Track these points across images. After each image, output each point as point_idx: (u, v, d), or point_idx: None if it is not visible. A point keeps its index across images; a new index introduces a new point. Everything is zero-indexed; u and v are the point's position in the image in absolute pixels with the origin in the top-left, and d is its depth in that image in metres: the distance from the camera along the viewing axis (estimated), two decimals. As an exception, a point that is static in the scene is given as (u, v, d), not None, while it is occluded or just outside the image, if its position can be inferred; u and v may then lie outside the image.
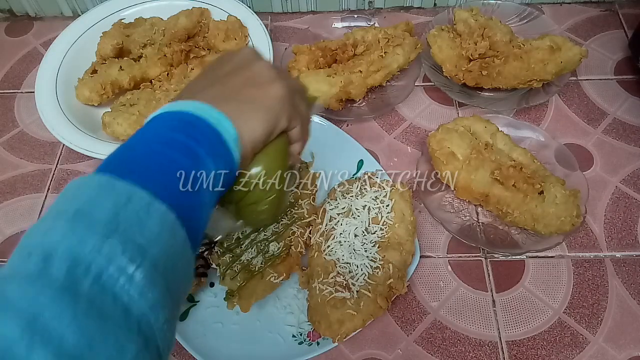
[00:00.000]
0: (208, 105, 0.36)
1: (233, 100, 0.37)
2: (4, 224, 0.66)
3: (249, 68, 0.40)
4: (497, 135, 0.63)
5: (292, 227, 0.58)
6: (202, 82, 0.40)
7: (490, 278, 0.59)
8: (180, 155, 0.33)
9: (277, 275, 0.55)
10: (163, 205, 0.30)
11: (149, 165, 0.32)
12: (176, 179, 0.32)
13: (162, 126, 0.35)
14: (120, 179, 0.29)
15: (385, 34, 0.72)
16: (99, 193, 0.29)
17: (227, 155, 0.35)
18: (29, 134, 0.75)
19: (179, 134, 0.34)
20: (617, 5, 0.83)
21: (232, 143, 0.36)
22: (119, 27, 0.75)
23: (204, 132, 0.34)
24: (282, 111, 0.39)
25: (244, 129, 0.36)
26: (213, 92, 0.38)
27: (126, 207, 0.28)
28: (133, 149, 0.33)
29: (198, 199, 0.33)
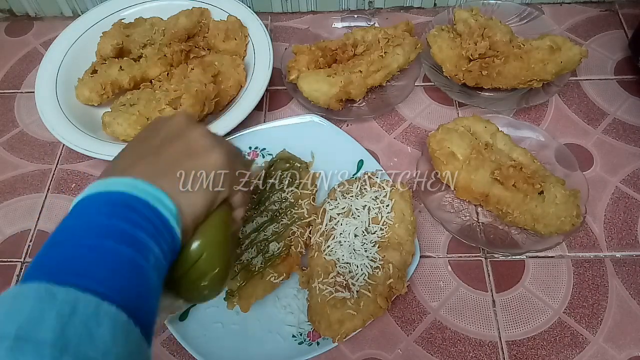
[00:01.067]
0: (142, 181, 0.33)
1: (170, 174, 0.35)
2: (4, 224, 0.66)
3: (183, 137, 0.38)
4: (497, 135, 0.63)
5: (292, 227, 0.58)
6: (133, 154, 0.37)
7: (490, 278, 0.59)
8: (120, 244, 0.30)
9: (277, 275, 0.55)
10: (112, 307, 0.27)
11: (88, 263, 0.29)
12: (121, 274, 0.29)
13: (94, 213, 0.32)
14: (59, 285, 0.27)
15: (385, 34, 0.72)
16: (40, 307, 0.26)
17: (169, 234, 0.33)
18: (29, 134, 0.75)
19: (115, 219, 0.31)
20: (617, 5, 0.83)
21: (172, 219, 0.33)
22: (119, 27, 0.75)
23: (141, 213, 0.32)
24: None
25: (184, 203, 0.35)
26: (145, 167, 0.36)
27: (72, 319, 0.26)
28: (66, 245, 0.30)
29: (147, 286, 0.31)
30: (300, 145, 0.66)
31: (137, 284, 0.30)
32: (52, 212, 0.67)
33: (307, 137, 0.67)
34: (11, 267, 0.63)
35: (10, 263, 0.63)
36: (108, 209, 0.32)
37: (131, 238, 0.31)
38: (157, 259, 0.32)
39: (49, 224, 0.66)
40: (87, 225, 0.31)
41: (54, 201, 0.68)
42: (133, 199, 0.32)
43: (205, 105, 0.66)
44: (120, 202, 0.32)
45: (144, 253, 0.31)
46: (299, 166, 0.64)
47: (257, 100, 0.68)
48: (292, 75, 0.71)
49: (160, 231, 0.32)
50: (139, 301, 0.30)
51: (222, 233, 0.39)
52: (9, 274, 0.62)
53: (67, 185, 0.69)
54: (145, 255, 0.31)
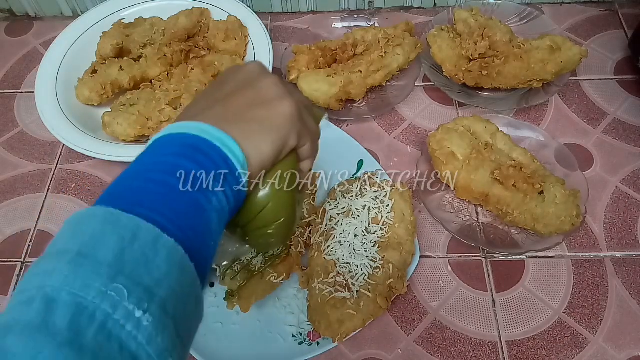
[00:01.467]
0: (213, 127, 0.34)
1: (239, 121, 0.36)
2: (4, 224, 0.66)
3: (254, 86, 0.38)
4: (497, 135, 0.63)
5: (292, 227, 0.58)
6: (205, 101, 0.38)
7: (490, 278, 0.59)
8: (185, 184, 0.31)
9: (277, 275, 0.55)
10: (171, 240, 0.28)
11: (154, 197, 0.30)
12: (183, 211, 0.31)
13: (165, 152, 0.33)
14: (124, 212, 0.28)
15: (385, 34, 0.72)
16: (103, 229, 0.27)
17: (235, 179, 0.34)
18: (29, 134, 0.75)
19: (184, 159, 0.32)
20: (617, 5, 0.83)
21: (239, 165, 0.34)
22: (119, 27, 0.75)
23: (209, 156, 0.33)
24: (291, 130, 0.37)
25: (252, 151, 0.35)
26: (217, 113, 0.36)
27: (132, 245, 0.27)
28: (136, 177, 0.32)
29: (206, 227, 0.32)
30: (300, 145, 0.66)
31: (197, 224, 0.31)
32: (52, 212, 0.67)
33: (307, 137, 0.67)
34: (11, 267, 0.63)
35: (10, 263, 0.63)
36: (178, 149, 0.33)
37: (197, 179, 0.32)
38: (220, 202, 0.33)
39: (49, 224, 0.66)
40: (158, 162, 0.32)
41: (54, 201, 0.68)
42: (203, 142, 0.33)
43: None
44: (190, 144, 0.33)
45: (207, 194, 0.32)
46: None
47: (257, 100, 0.68)
48: (292, 75, 0.71)
49: (225, 175, 0.33)
50: (197, 240, 0.31)
51: (288, 184, 0.39)
52: (9, 274, 0.62)
53: (67, 185, 0.69)
54: (209, 196, 0.32)
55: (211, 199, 0.32)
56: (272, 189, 0.38)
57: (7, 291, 0.61)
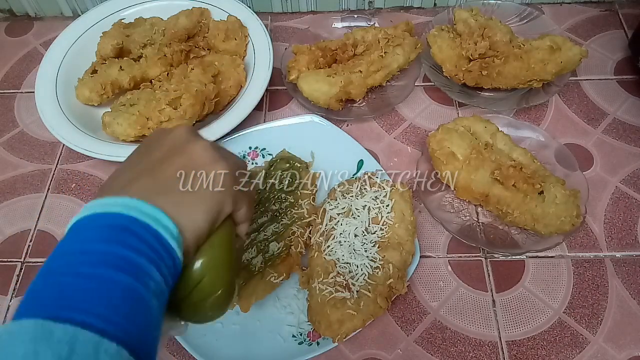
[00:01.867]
0: (140, 201, 0.32)
1: (170, 192, 0.34)
2: (4, 224, 0.66)
3: (184, 152, 0.36)
4: (497, 135, 0.63)
5: (292, 227, 0.58)
6: (130, 172, 0.36)
7: (490, 278, 0.59)
8: (119, 273, 0.29)
9: (277, 275, 0.55)
10: (112, 344, 0.26)
11: (86, 295, 0.27)
12: (121, 306, 0.28)
13: (91, 237, 0.30)
14: (55, 322, 0.25)
15: (385, 34, 0.72)
16: (36, 349, 0.24)
17: (169, 258, 0.32)
18: (29, 134, 0.75)
19: (112, 245, 0.29)
20: (617, 5, 0.83)
21: (173, 241, 0.32)
22: (119, 27, 0.75)
23: (140, 237, 0.30)
24: (226, 196, 0.36)
25: (185, 222, 0.33)
26: (144, 185, 0.34)
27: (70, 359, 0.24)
28: (61, 274, 0.29)
29: (148, 317, 0.29)
30: (300, 145, 0.66)
31: (138, 316, 0.29)
32: (52, 212, 0.67)
33: (307, 137, 0.67)
34: (11, 267, 0.63)
35: (10, 263, 0.63)
36: (106, 234, 0.30)
37: (131, 265, 0.29)
38: (158, 285, 0.31)
39: (49, 224, 0.66)
40: (85, 251, 0.29)
41: (54, 201, 0.68)
42: (131, 221, 0.31)
43: (205, 105, 0.66)
44: (118, 225, 0.30)
45: (144, 280, 0.30)
46: (299, 166, 0.64)
47: (257, 100, 0.68)
48: (292, 75, 0.71)
49: (161, 255, 0.31)
50: (141, 334, 0.29)
51: (225, 252, 0.38)
52: (9, 274, 0.62)
53: (67, 185, 0.69)
54: (146, 282, 0.30)
55: (149, 284, 0.30)
56: (207, 261, 0.36)
57: (7, 291, 0.61)
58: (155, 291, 0.30)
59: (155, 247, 0.31)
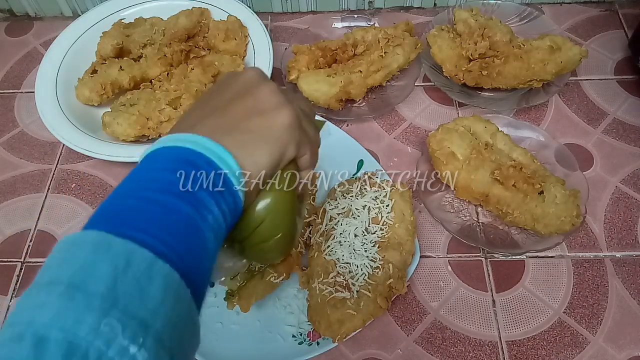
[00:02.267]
0: (208, 139, 0.33)
1: (235, 132, 0.35)
2: (4, 224, 0.66)
3: (252, 94, 0.37)
4: (497, 135, 0.63)
5: (292, 227, 0.58)
6: (202, 110, 0.37)
7: (490, 278, 0.59)
8: (180, 201, 0.30)
9: (277, 275, 0.55)
10: (166, 265, 0.27)
11: (147, 217, 0.29)
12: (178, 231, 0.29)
13: (159, 167, 0.32)
14: (116, 236, 0.27)
15: (385, 34, 0.72)
16: (95, 257, 0.26)
17: (231, 195, 0.33)
18: (29, 134, 0.75)
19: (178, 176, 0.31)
20: (617, 5, 0.83)
21: (235, 180, 0.33)
22: (119, 27, 0.75)
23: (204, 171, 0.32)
24: (290, 140, 0.36)
25: (248, 163, 0.34)
26: (213, 123, 0.35)
27: (125, 274, 0.26)
28: (129, 195, 0.31)
29: (203, 248, 0.31)
30: (300, 145, 0.66)
31: (193, 245, 0.30)
32: (52, 212, 0.67)
33: (307, 137, 0.67)
34: (11, 267, 0.63)
35: (10, 263, 0.63)
36: (172, 164, 0.32)
37: (192, 196, 0.31)
38: (216, 220, 0.32)
39: (49, 224, 0.66)
40: (153, 178, 0.31)
41: (54, 201, 0.68)
42: (197, 155, 0.32)
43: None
44: (184, 158, 0.32)
45: (203, 213, 0.31)
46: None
47: (257, 100, 0.68)
48: (292, 75, 0.71)
49: (221, 191, 0.32)
50: (194, 263, 0.30)
51: (287, 196, 0.38)
52: (9, 274, 0.62)
53: (67, 185, 0.69)
54: (204, 215, 0.31)
55: (207, 217, 0.31)
56: (268, 204, 0.37)
57: (7, 291, 0.61)
58: (213, 225, 0.32)
59: (216, 183, 0.32)
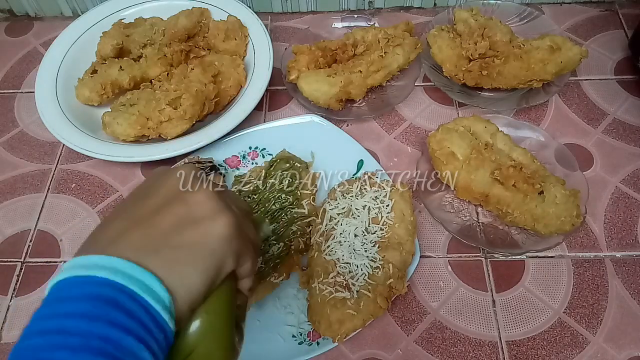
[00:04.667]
0: (129, 263, 0.28)
1: (163, 249, 0.30)
2: (4, 224, 0.66)
3: (183, 200, 0.32)
4: (497, 135, 0.63)
5: (292, 227, 0.58)
6: (123, 220, 0.32)
7: (490, 278, 0.59)
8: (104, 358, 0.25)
9: (277, 275, 0.55)
10: None
11: None
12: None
13: (71, 311, 0.26)
14: None
15: (385, 34, 0.72)
16: None
17: (160, 332, 0.28)
18: (29, 134, 0.75)
19: (95, 323, 0.26)
20: (617, 5, 0.83)
21: (165, 312, 0.28)
22: (119, 27, 0.75)
23: (128, 311, 0.27)
24: (228, 252, 0.32)
25: (179, 288, 0.29)
26: (136, 239, 0.30)
27: None
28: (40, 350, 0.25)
29: None
30: (300, 145, 0.66)
31: None
32: (52, 212, 0.67)
33: (307, 137, 0.67)
34: (11, 267, 0.63)
35: (10, 263, 0.63)
36: (89, 307, 0.26)
37: (116, 348, 0.26)
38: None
39: (49, 224, 0.66)
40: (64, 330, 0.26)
41: (54, 201, 0.68)
42: (118, 290, 0.27)
43: (205, 105, 0.66)
44: (102, 296, 0.27)
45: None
46: (299, 166, 0.64)
47: (257, 100, 0.68)
48: (292, 75, 0.71)
49: (151, 330, 0.27)
50: None
51: (223, 317, 0.34)
52: (9, 274, 0.62)
53: (67, 185, 0.69)
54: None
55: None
56: (202, 328, 0.32)
57: (7, 291, 0.61)
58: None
59: (144, 323, 0.27)
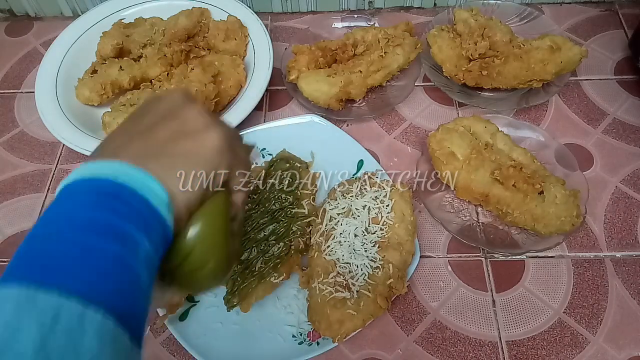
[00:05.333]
0: (131, 166, 0.31)
1: (161, 156, 0.33)
2: (4, 224, 0.66)
3: (177, 116, 0.35)
4: (497, 135, 0.63)
5: (292, 227, 0.58)
6: (124, 134, 0.35)
7: (490, 278, 0.59)
8: (106, 240, 0.28)
9: (277, 275, 0.55)
10: (97, 315, 0.25)
11: (72, 262, 0.27)
12: (108, 273, 0.27)
13: (78, 202, 0.29)
14: (40, 288, 0.25)
15: (385, 34, 0.72)
16: (19, 315, 0.24)
17: (160, 225, 0.31)
18: (29, 134, 0.75)
19: (100, 211, 0.29)
20: (617, 5, 0.83)
21: (163, 208, 0.31)
22: (119, 27, 0.75)
23: (129, 204, 0.29)
24: (220, 162, 0.35)
25: (176, 189, 0.32)
26: (136, 148, 0.33)
27: (54, 330, 0.24)
28: (48, 238, 0.28)
29: (136, 285, 0.29)
30: (300, 145, 0.66)
31: (126, 284, 0.28)
32: (52, 212, 0.67)
33: (307, 137, 0.67)
34: (11, 267, 0.63)
35: (10, 263, 0.63)
36: (93, 199, 0.29)
37: (118, 232, 0.28)
38: (147, 254, 0.30)
39: (49, 224, 0.66)
40: (72, 217, 0.29)
41: (54, 201, 0.68)
42: (120, 187, 0.30)
43: (205, 105, 0.66)
44: (106, 191, 0.30)
45: (132, 248, 0.29)
46: (299, 166, 0.64)
47: (257, 100, 0.68)
48: (292, 75, 0.71)
49: (150, 223, 0.30)
50: (128, 303, 0.28)
51: (218, 221, 0.36)
52: (9, 274, 0.62)
53: (67, 185, 0.69)
54: (134, 251, 0.29)
55: (137, 253, 0.29)
56: (199, 231, 0.35)
57: (7, 291, 0.61)
58: (144, 260, 0.30)
59: (144, 215, 0.30)
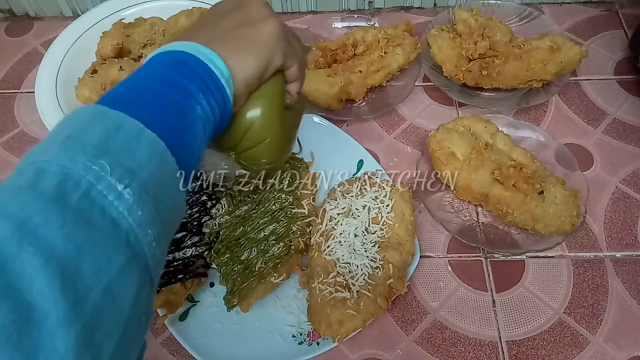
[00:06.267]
0: (200, 45, 0.37)
1: (225, 40, 0.39)
2: (4, 224, 0.66)
3: (242, 8, 0.41)
4: (497, 135, 0.63)
5: (292, 227, 0.58)
6: (198, 25, 0.41)
7: (490, 278, 0.59)
8: (171, 91, 0.34)
9: (277, 275, 0.55)
10: (153, 134, 0.31)
11: (140, 99, 0.33)
12: (167, 113, 0.33)
13: (156, 66, 0.36)
14: (112, 109, 0.31)
15: (385, 34, 0.72)
16: (91, 120, 0.30)
17: (219, 92, 0.37)
18: (29, 134, 0.74)
19: (172, 71, 0.35)
20: (617, 5, 0.83)
21: (224, 80, 0.37)
22: (119, 27, 0.75)
23: (195, 70, 0.36)
24: (276, 48, 0.40)
25: (236, 67, 0.37)
26: (206, 34, 0.39)
27: (117, 134, 0.29)
28: (127, 86, 0.35)
29: (189, 130, 0.34)
30: (300, 145, 0.66)
31: (181, 126, 0.34)
32: (52, 212, 0.67)
33: (307, 137, 0.67)
34: (11, 267, 0.62)
35: (10, 263, 0.63)
36: (167, 64, 0.36)
37: (183, 88, 0.35)
38: (204, 111, 0.35)
39: (49, 224, 0.66)
40: (148, 73, 0.36)
41: (54, 201, 0.68)
42: (190, 57, 0.36)
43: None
44: (178, 59, 0.36)
45: (191, 102, 0.35)
46: (299, 166, 0.64)
47: (257, 100, 0.68)
48: (292, 75, 0.71)
49: (210, 88, 0.36)
50: (180, 140, 0.33)
51: (275, 101, 0.40)
52: (9, 274, 0.62)
53: (67, 185, 0.69)
54: (193, 104, 0.35)
55: (195, 107, 0.35)
56: (257, 109, 0.40)
57: (7, 291, 0.61)
58: (201, 116, 0.35)
59: (206, 80, 0.36)
